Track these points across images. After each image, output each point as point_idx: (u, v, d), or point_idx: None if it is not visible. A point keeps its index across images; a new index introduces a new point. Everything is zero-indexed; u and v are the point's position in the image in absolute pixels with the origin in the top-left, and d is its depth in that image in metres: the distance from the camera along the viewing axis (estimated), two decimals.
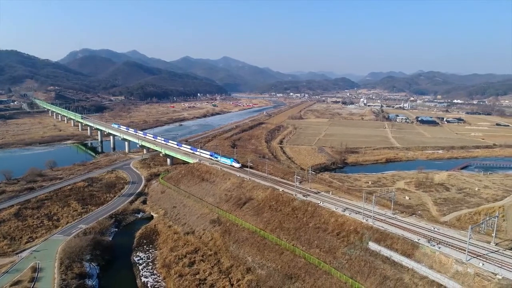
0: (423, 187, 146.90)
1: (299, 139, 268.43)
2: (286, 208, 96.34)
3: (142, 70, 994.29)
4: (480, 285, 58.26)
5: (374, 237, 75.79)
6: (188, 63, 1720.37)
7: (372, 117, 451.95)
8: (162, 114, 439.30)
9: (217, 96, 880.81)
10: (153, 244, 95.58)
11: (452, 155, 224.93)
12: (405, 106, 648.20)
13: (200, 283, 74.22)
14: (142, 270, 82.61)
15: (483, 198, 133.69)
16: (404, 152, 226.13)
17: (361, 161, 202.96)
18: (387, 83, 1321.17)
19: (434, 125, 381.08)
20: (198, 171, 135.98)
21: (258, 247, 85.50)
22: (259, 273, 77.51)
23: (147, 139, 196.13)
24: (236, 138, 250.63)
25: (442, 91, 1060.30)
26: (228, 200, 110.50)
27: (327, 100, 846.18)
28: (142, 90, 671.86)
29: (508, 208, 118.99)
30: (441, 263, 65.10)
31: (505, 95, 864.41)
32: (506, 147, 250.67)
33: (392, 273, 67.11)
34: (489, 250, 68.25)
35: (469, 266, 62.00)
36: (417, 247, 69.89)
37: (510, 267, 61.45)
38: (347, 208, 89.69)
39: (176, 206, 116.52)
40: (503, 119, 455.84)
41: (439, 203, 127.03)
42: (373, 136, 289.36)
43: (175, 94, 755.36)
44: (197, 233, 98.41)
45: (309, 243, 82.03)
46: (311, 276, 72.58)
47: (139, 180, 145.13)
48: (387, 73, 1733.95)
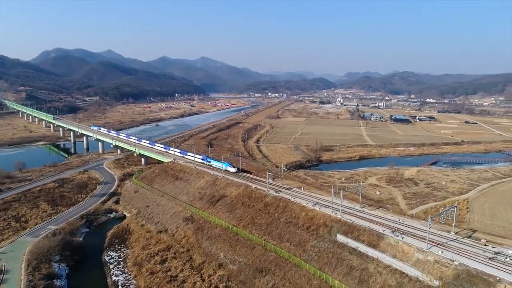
0: (394, 183, 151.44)
1: (276, 138, 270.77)
2: (258, 204, 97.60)
3: (118, 70, 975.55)
4: (439, 272, 61.20)
5: (342, 230, 78.08)
6: (166, 63, 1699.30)
7: (348, 116, 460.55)
8: (138, 115, 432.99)
9: (195, 96, 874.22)
10: (125, 243, 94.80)
11: (423, 152, 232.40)
12: (380, 105, 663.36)
13: (172, 280, 74.40)
14: (113, 269, 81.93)
15: (449, 192, 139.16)
16: (377, 150, 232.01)
17: (336, 158, 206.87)
18: (363, 83, 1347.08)
19: (407, 123, 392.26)
20: (172, 170, 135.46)
21: (231, 243, 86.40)
22: (231, 268, 78.42)
23: (121, 139, 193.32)
24: (213, 138, 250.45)
25: (416, 91, 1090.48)
26: (202, 198, 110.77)
27: (305, 100, 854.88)
28: (117, 91, 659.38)
29: (472, 201, 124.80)
30: (404, 252, 67.88)
31: (475, 94, 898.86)
32: (473, 143, 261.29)
33: (358, 263, 69.43)
34: (449, 239, 71.71)
35: (429, 254, 64.97)
36: (382, 238, 72.55)
37: (467, 253, 64.90)
38: (317, 203, 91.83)
39: (149, 205, 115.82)
40: (472, 117, 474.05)
41: (408, 197, 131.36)
42: (348, 134, 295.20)
43: (152, 94, 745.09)
44: (170, 231, 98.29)
45: (280, 237, 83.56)
46: (281, 269, 74.06)
47: (112, 180, 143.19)
48: (364, 73, 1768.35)
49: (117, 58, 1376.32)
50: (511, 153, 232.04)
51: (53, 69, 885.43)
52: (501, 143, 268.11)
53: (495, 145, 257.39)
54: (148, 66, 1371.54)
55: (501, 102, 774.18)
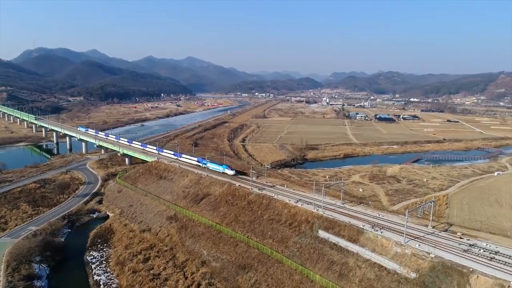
0: (377, 180, 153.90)
1: (262, 137, 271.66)
2: (242, 202, 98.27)
3: (102, 70, 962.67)
4: (416, 264, 62.89)
5: (324, 225, 79.34)
6: (152, 63, 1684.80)
7: (333, 115, 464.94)
8: (123, 115, 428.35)
9: (182, 96, 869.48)
10: (107, 243, 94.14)
11: (406, 150, 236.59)
12: (365, 104, 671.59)
13: (154, 278, 74.35)
14: (95, 269, 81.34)
15: (430, 188, 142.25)
16: (361, 148, 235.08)
17: (320, 157, 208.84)
18: (349, 82, 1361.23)
19: (391, 122, 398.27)
20: (156, 169, 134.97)
21: (214, 241, 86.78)
22: (214, 265, 78.78)
23: (104, 139, 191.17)
24: (198, 137, 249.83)
25: (400, 90, 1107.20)
26: (186, 196, 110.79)
27: (291, 99, 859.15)
28: (102, 91, 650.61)
29: (451, 197, 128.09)
30: (382, 246, 69.46)
31: (457, 94, 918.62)
32: (454, 141, 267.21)
33: (338, 258, 70.71)
34: (426, 233, 73.63)
35: (407, 248, 66.70)
36: (362, 232, 74.05)
37: (443, 246, 66.81)
38: (300, 200, 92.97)
39: (133, 204, 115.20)
40: (454, 115, 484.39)
41: (390, 194, 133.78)
42: (333, 133, 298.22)
43: (137, 94, 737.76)
44: (154, 230, 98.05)
45: (262, 234, 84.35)
46: (264, 265, 74.82)
47: (95, 180, 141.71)
48: (349, 73, 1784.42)
49: (102, 58, 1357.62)
50: (490, 150, 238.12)
51: (35, 69, 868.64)
52: (481, 140, 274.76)
53: (475, 143, 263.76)
54: (134, 66, 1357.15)
55: (482, 101, 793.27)
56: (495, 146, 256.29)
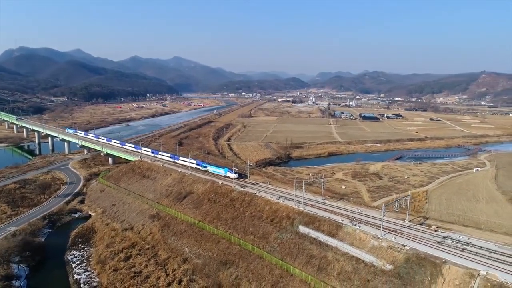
0: (359, 177, 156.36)
1: (247, 136, 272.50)
2: (224, 200, 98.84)
3: (86, 70, 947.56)
4: (392, 256, 64.56)
5: (304, 221, 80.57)
6: (137, 63, 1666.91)
7: (319, 114, 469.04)
8: (108, 115, 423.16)
9: (168, 96, 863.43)
10: (89, 242, 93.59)
11: (389, 148, 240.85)
12: (351, 104, 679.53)
13: (135, 276, 74.35)
14: (75, 268, 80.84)
15: (411, 185, 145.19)
16: (345, 146, 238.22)
17: (305, 155, 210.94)
18: (335, 82, 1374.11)
19: (375, 121, 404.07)
20: (139, 168, 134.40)
21: (196, 238, 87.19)
22: (196, 262, 79.21)
23: (87, 139, 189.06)
24: (184, 137, 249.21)
25: (385, 90, 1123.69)
26: (169, 195, 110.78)
27: (278, 99, 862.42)
28: (86, 91, 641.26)
29: (431, 192, 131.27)
30: (360, 239, 71.00)
31: (440, 93, 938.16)
32: (435, 139, 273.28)
33: (318, 252, 71.97)
34: (403, 226, 75.61)
35: (384, 241, 68.37)
36: (341, 227, 75.51)
37: (417, 239, 68.79)
38: (281, 196, 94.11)
39: (115, 204, 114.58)
40: (436, 114, 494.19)
41: (372, 191, 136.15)
42: (318, 132, 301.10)
43: (122, 94, 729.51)
44: (136, 228, 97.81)
45: (244, 230, 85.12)
46: (245, 261, 75.62)
47: (78, 180, 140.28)
48: (336, 73, 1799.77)
49: (86, 58, 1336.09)
50: (470, 147, 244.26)
51: (17, 68, 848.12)
52: (462, 138, 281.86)
53: (456, 141, 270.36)
54: (119, 66, 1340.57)
55: (464, 100, 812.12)
56: (475, 143, 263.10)
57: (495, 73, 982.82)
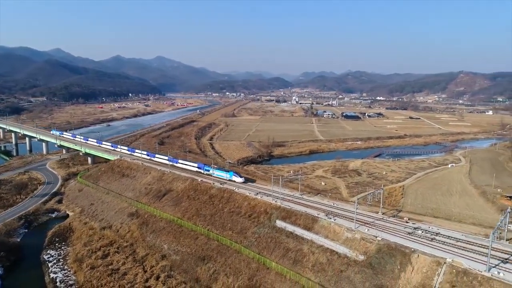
0: (339, 174, 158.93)
1: (230, 135, 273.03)
2: (203, 197, 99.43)
3: (67, 70, 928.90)
4: (364, 247, 66.52)
5: (281, 216, 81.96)
6: (120, 62, 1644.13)
7: (302, 113, 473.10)
8: (89, 115, 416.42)
9: (150, 96, 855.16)
10: (66, 242, 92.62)
11: (369, 145, 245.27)
12: (333, 103, 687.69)
13: (113, 273, 74.13)
14: (52, 267, 79.99)
15: (388, 180, 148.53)
16: (326, 144, 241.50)
17: (287, 153, 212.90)
18: (318, 82, 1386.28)
19: (357, 119, 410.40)
20: (118, 167, 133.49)
21: (175, 235, 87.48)
22: (174, 258, 79.52)
23: (66, 139, 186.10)
24: (165, 136, 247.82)
25: (367, 89, 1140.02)
26: (148, 193, 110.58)
27: (262, 98, 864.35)
28: (66, 91, 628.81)
29: (407, 187, 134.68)
30: (335, 232, 72.80)
31: (420, 92, 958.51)
32: (414, 136, 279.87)
33: (294, 245, 73.39)
34: (376, 219, 77.89)
35: (357, 233, 70.32)
36: (316, 220, 77.19)
37: (389, 230, 71.05)
38: (259, 192, 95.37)
39: (94, 203, 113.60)
40: (416, 113, 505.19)
41: (351, 187, 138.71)
42: (300, 130, 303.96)
43: (104, 94, 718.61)
44: (114, 227, 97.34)
45: (223, 226, 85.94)
46: (223, 256, 76.44)
47: (56, 180, 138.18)
48: (319, 73, 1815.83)
49: (66, 57, 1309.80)
50: (446, 144, 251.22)
51: None
52: (439, 136, 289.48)
53: (433, 138, 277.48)
54: (101, 65, 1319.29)
55: (443, 99, 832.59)
56: (451, 140, 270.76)
57: (472, 72, 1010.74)
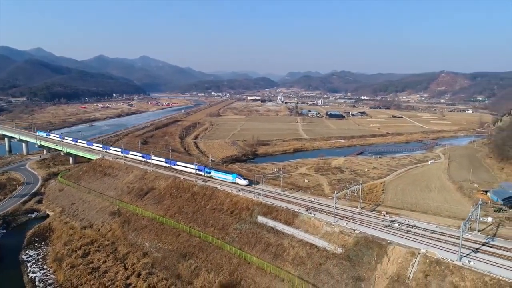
0: (322, 171, 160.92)
1: (215, 134, 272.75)
2: (186, 194, 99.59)
3: (48, 70, 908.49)
4: (343, 240, 67.98)
5: (263, 211, 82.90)
6: (103, 62, 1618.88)
7: (287, 113, 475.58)
8: (71, 115, 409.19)
9: (135, 96, 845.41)
10: (46, 241, 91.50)
11: (352, 143, 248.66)
12: (318, 102, 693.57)
13: (93, 271, 73.82)
14: (31, 267, 78.99)
15: (370, 177, 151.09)
16: (310, 143, 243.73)
17: (271, 152, 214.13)
18: (304, 82, 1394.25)
19: (341, 118, 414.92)
20: (100, 166, 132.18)
21: (157, 233, 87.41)
22: (155, 255, 79.51)
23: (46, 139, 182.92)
24: (149, 136, 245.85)
25: (352, 89, 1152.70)
26: (130, 192, 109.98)
27: (247, 98, 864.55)
28: (48, 91, 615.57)
29: (388, 183, 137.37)
30: (315, 226, 74.11)
31: (403, 92, 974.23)
32: (396, 134, 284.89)
33: (274, 240, 74.38)
34: (355, 213, 79.53)
35: (336, 227, 71.79)
36: (297, 215, 78.41)
37: (367, 223, 72.80)
38: (241, 189, 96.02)
39: (75, 202, 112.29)
40: (399, 112, 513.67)
41: (333, 183, 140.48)
42: (285, 129, 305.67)
43: (87, 94, 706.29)
44: (96, 226, 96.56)
45: (205, 223, 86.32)
46: (204, 252, 76.86)
47: (36, 181, 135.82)
48: (305, 73, 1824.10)
49: (47, 57, 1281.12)
50: (427, 142, 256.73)
51: None
52: (421, 134, 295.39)
53: (415, 136, 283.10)
54: (84, 65, 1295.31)
55: (425, 99, 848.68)
56: (432, 138, 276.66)
57: (453, 72, 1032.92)
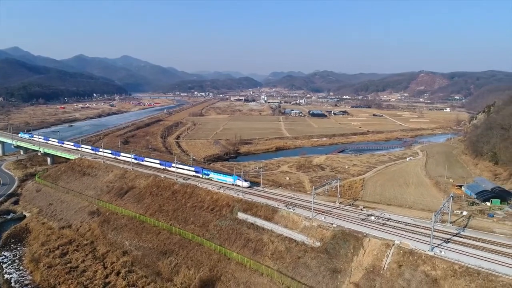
0: (303, 169, 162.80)
1: (197, 134, 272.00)
2: (166, 193, 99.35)
3: (25, 69, 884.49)
4: (321, 234, 69.30)
5: (243, 208, 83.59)
6: (83, 62, 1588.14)
7: (270, 112, 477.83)
8: (49, 116, 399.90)
9: (116, 96, 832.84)
10: (22, 242, 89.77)
11: (333, 142, 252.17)
12: (301, 102, 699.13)
13: (71, 271, 72.93)
14: (6, 268, 77.43)
15: (350, 174, 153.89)
16: (292, 141, 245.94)
17: (253, 150, 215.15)
18: (287, 82, 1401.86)
19: (323, 117, 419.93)
20: (79, 166, 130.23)
21: (137, 231, 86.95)
22: (135, 254, 79.12)
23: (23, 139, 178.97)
24: (130, 135, 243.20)
25: (334, 88, 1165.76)
26: (110, 191, 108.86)
27: (231, 98, 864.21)
28: (25, 91, 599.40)
29: (367, 180, 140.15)
30: (294, 221, 75.27)
31: (384, 91, 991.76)
32: (377, 133, 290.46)
33: (254, 235, 75.16)
34: (333, 207, 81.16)
35: (314, 221, 73.10)
36: (276, 211, 79.43)
37: (344, 217, 74.43)
38: (222, 186, 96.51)
39: (52, 203, 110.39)
40: (380, 111, 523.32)
41: (314, 180, 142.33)
42: (267, 128, 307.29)
43: (66, 94, 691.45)
44: (74, 226, 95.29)
45: (185, 221, 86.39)
46: (184, 249, 77.00)
47: (12, 181, 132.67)
48: (288, 72, 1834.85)
49: (25, 56, 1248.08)
50: (406, 140, 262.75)
51: None
52: (400, 132, 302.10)
53: (394, 134, 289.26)
54: (63, 65, 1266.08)
55: (405, 98, 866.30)
56: (411, 136, 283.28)
57: (432, 72, 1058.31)
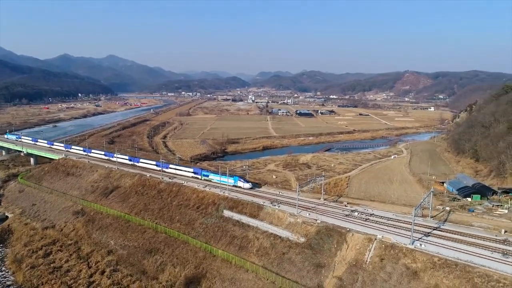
0: (290, 167, 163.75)
1: (184, 133, 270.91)
2: (152, 191, 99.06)
3: (8, 69, 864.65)
4: (305, 230, 70.21)
5: (229, 205, 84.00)
6: (68, 61, 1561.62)
7: (257, 112, 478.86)
8: (33, 116, 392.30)
9: (102, 96, 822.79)
10: (4, 244, 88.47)
11: (320, 140, 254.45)
12: (289, 101, 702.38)
13: (55, 271, 72.18)
14: None
15: (336, 172, 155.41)
16: (279, 140, 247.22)
17: (240, 149, 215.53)
18: (274, 81, 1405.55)
19: (310, 116, 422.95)
20: (63, 166, 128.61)
21: (122, 230, 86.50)
22: (120, 253, 78.76)
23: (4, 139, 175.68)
24: (116, 135, 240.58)
25: (322, 88, 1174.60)
26: (94, 191, 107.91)
27: (218, 98, 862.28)
28: (7, 91, 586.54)
29: (352, 177, 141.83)
30: (279, 218, 76.04)
31: (370, 91, 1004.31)
32: (363, 132, 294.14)
33: (240, 233, 75.67)
34: (317, 204, 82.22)
35: (299, 217, 73.99)
36: (262, 208, 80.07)
37: (328, 213, 75.57)
38: (208, 185, 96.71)
39: (36, 203, 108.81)
40: (366, 110, 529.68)
41: (300, 179, 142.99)
42: (254, 128, 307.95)
43: (50, 95, 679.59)
44: (58, 226, 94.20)
45: (171, 219, 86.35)
46: (170, 247, 76.99)
47: None
48: (275, 72, 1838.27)
49: (7, 56, 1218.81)
50: (391, 138, 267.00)
51: None
52: (385, 130, 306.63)
53: (380, 133, 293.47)
54: (47, 64, 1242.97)
55: (391, 97, 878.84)
56: (396, 134, 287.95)
57: (417, 72, 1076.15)
